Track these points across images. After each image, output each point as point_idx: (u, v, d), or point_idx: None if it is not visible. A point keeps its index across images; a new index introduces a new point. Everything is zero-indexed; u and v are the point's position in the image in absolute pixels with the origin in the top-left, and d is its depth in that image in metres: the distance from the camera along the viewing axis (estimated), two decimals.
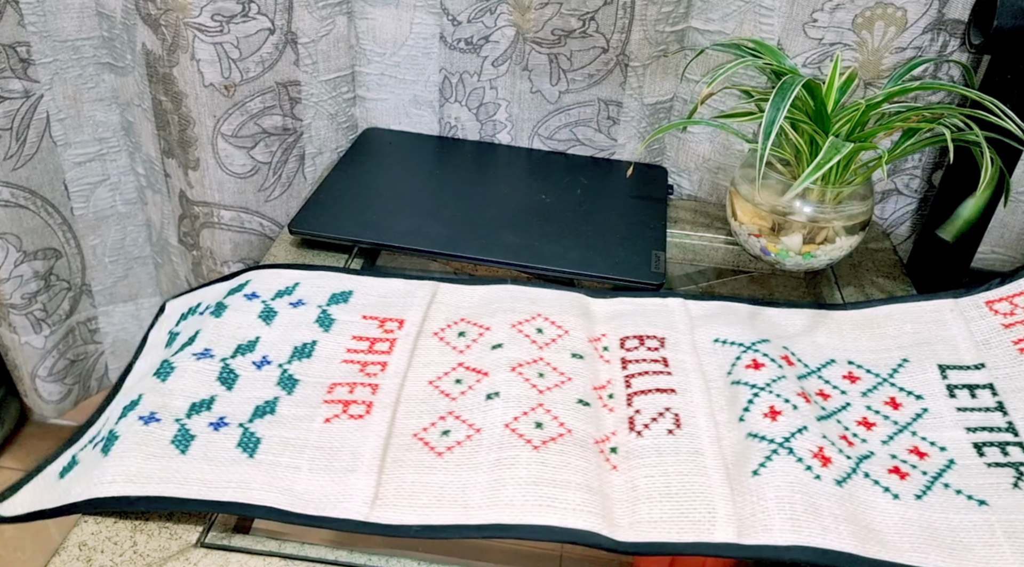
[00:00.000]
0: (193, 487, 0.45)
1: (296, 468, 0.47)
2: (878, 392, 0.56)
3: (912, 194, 0.79)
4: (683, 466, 0.48)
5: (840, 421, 0.53)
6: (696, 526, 0.45)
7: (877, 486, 0.48)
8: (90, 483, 0.46)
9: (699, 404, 0.52)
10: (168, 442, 0.48)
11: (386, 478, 0.47)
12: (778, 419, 0.50)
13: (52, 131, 0.83)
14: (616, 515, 0.45)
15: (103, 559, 0.43)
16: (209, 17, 0.72)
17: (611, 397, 0.53)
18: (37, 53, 0.79)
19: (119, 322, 0.98)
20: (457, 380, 0.54)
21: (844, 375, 0.57)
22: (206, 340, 0.55)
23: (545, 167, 0.80)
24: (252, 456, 0.47)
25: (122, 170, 0.89)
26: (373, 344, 0.56)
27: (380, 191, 0.74)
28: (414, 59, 0.80)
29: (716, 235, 0.75)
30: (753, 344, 0.56)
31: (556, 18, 0.73)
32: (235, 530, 0.47)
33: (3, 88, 0.78)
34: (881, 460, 0.50)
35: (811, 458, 0.48)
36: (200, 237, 0.85)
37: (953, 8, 0.68)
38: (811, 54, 0.71)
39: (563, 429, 0.49)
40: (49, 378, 0.94)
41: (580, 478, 0.46)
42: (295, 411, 0.51)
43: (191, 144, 0.79)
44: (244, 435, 0.49)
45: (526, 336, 0.57)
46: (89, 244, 0.91)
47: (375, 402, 0.51)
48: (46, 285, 0.89)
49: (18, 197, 0.83)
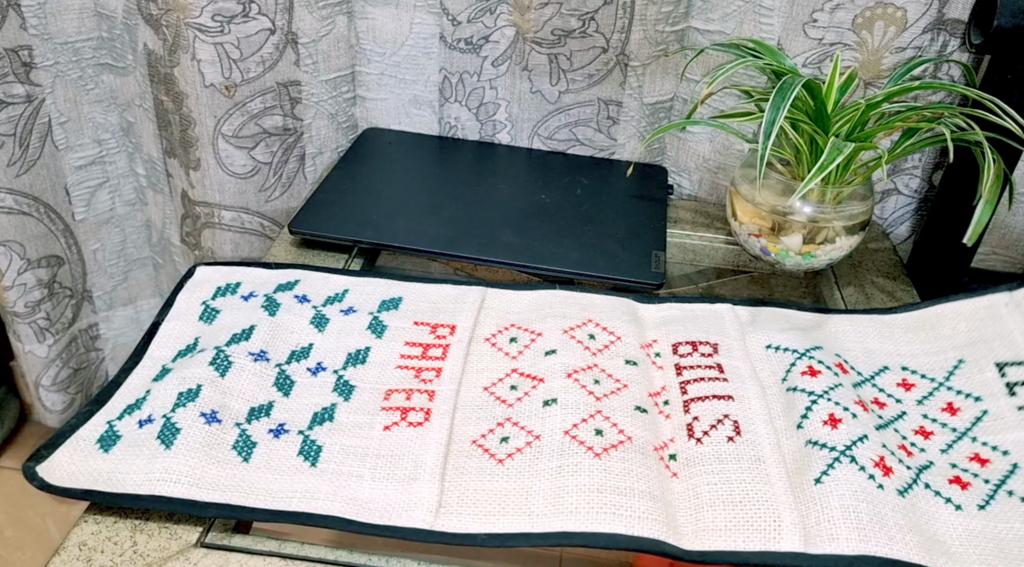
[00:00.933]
0: (259, 497, 0.45)
1: (359, 476, 0.47)
2: (934, 398, 0.54)
3: (912, 194, 0.79)
4: (745, 474, 0.47)
5: (897, 430, 0.52)
6: (762, 535, 0.44)
7: (938, 497, 0.47)
8: (153, 477, 0.45)
9: (757, 411, 0.52)
10: (230, 447, 0.48)
11: (448, 486, 0.46)
12: (838, 427, 0.49)
13: (54, 135, 0.83)
14: (679, 523, 0.45)
15: (103, 559, 0.43)
16: (210, 17, 0.72)
17: (667, 404, 0.53)
18: (39, 56, 0.79)
19: (119, 327, 0.98)
20: (512, 386, 0.53)
21: (899, 383, 0.56)
22: (261, 340, 0.55)
23: (545, 167, 0.80)
24: (314, 465, 0.47)
25: (121, 172, 0.89)
26: (426, 350, 0.56)
27: (380, 191, 0.74)
28: (414, 59, 0.80)
29: (716, 235, 0.75)
30: (807, 351, 0.56)
31: (556, 18, 0.73)
32: (235, 530, 0.46)
33: (6, 93, 0.78)
34: (941, 470, 0.49)
35: (873, 467, 0.47)
36: (202, 237, 0.85)
37: (953, 8, 0.68)
38: (811, 54, 0.71)
39: (623, 436, 0.49)
40: (53, 388, 0.94)
41: (643, 485, 0.46)
42: (353, 418, 0.51)
43: (192, 144, 0.79)
44: (305, 443, 0.49)
45: (579, 342, 0.56)
46: (90, 249, 0.91)
47: (433, 409, 0.51)
48: (50, 293, 0.89)
49: (22, 204, 0.83)
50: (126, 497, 0.45)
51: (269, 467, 0.47)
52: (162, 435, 0.48)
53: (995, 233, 0.78)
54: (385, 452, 0.48)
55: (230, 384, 0.51)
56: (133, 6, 0.75)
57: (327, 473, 0.47)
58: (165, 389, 0.51)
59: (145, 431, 0.48)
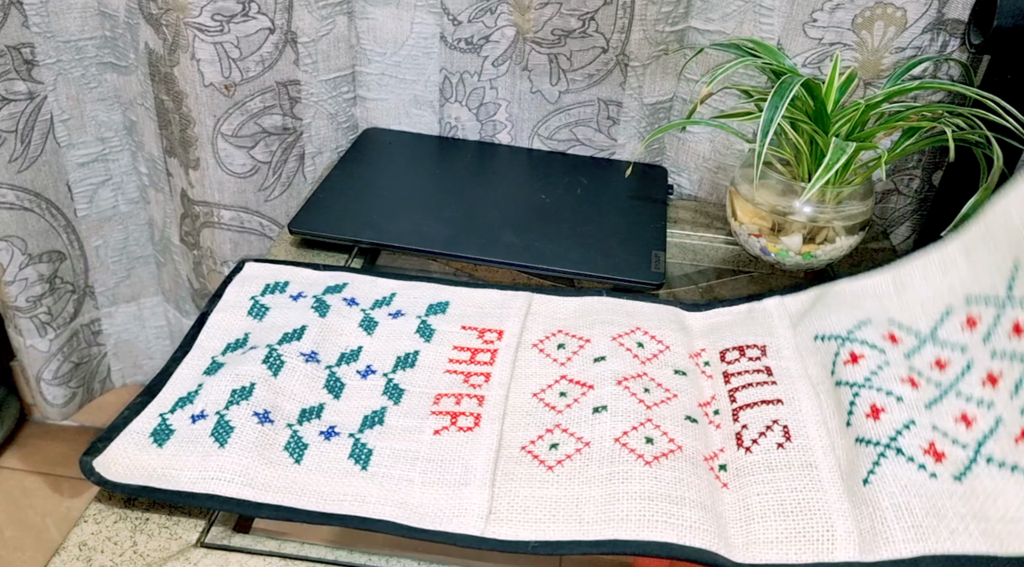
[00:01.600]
0: (311, 499, 0.45)
1: (409, 481, 0.47)
2: (1001, 325, 0.46)
3: (912, 194, 0.79)
4: (796, 481, 0.46)
5: (960, 393, 0.47)
6: (815, 545, 0.43)
7: (1003, 469, 0.42)
8: (207, 475, 0.45)
9: (808, 412, 0.50)
10: (282, 448, 0.47)
11: (499, 492, 0.46)
12: (881, 417, 0.47)
13: (56, 132, 0.83)
14: (730, 534, 0.44)
15: (103, 559, 0.43)
16: (209, 17, 0.72)
17: (716, 413, 0.52)
18: (41, 54, 0.79)
19: (121, 323, 0.98)
20: (561, 393, 0.53)
21: (963, 323, 0.49)
22: (312, 341, 0.55)
23: (545, 167, 0.80)
24: (365, 468, 0.47)
25: (124, 170, 0.89)
26: (474, 355, 0.56)
27: (380, 191, 0.74)
28: (414, 59, 0.80)
29: (716, 235, 0.75)
30: (850, 333, 0.53)
31: (556, 18, 0.73)
32: (235, 530, 0.46)
33: (8, 90, 0.78)
34: (1009, 429, 0.43)
35: (923, 455, 0.44)
36: (200, 236, 0.85)
37: (953, 8, 0.68)
38: (811, 54, 0.71)
39: (673, 445, 0.48)
40: (54, 381, 0.94)
41: (694, 495, 0.45)
42: (403, 422, 0.51)
43: (191, 144, 0.79)
44: (355, 446, 0.49)
45: (627, 350, 0.56)
46: (92, 245, 0.91)
47: (483, 414, 0.51)
48: (51, 288, 0.89)
49: (23, 200, 0.83)
50: (181, 495, 0.45)
51: (320, 469, 0.47)
52: (216, 432, 0.47)
53: None
54: (435, 456, 0.48)
55: (282, 384, 0.51)
56: (135, 5, 0.76)
57: (378, 477, 0.47)
58: (218, 385, 0.51)
59: (198, 427, 0.48)
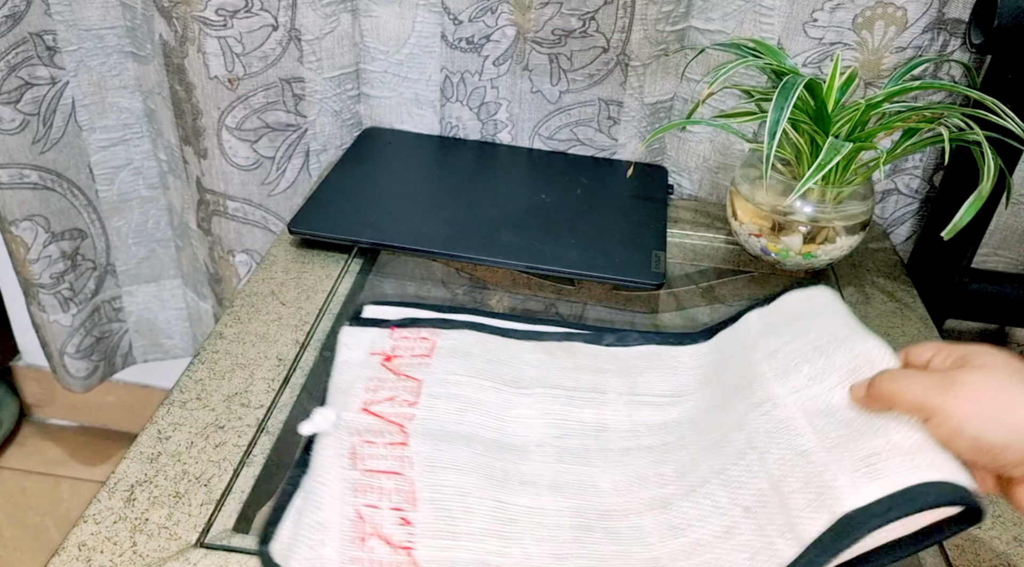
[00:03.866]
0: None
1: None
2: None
3: (912, 194, 0.79)
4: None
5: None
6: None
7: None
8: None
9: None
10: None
11: None
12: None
13: (77, 116, 0.86)
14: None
15: (103, 559, 0.43)
16: (214, 11, 0.73)
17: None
18: (63, 41, 0.82)
19: (142, 302, 1.01)
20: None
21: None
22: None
23: (545, 167, 0.80)
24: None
25: (145, 155, 0.91)
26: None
27: (380, 191, 0.74)
28: (416, 58, 0.80)
29: (716, 235, 0.75)
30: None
31: (556, 18, 0.73)
32: (235, 530, 0.46)
33: (31, 75, 0.81)
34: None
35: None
36: (212, 224, 0.87)
37: (953, 7, 0.68)
38: (811, 54, 0.71)
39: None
40: (77, 355, 0.97)
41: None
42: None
43: (201, 133, 0.80)
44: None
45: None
46: (113, 225, 0.94)
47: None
48: (72, 265, 0.92)
49: (46, 180, 0.86)
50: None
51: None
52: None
53: (995, 234, 0.77)
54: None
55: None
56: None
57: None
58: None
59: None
